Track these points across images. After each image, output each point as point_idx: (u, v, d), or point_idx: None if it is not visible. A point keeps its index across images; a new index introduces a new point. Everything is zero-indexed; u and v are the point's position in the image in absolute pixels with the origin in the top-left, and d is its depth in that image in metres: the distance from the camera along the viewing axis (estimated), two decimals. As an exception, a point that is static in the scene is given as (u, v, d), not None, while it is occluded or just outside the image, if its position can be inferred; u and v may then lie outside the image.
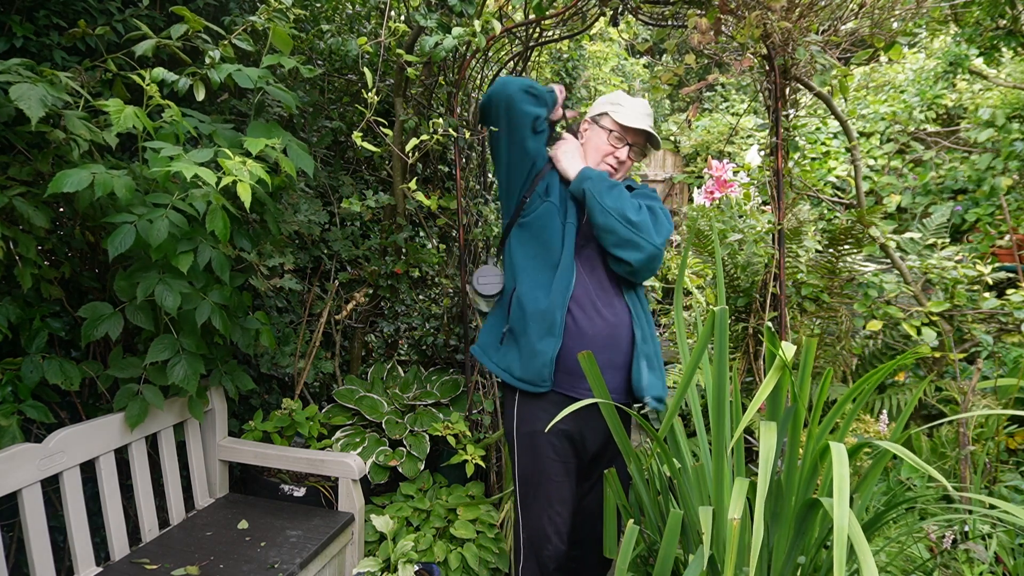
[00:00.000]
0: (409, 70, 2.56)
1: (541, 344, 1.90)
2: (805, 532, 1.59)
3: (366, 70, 2.32)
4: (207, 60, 2.05)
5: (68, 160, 1.92)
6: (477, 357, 2.11)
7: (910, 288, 3.04)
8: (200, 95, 2.05)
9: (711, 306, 3.49)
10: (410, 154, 2.54)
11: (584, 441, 1.97)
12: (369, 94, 2.32)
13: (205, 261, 1.93)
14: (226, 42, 2.11)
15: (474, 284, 2.14)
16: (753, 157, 4.08)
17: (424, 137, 2.48)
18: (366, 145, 2.34)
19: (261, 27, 2.22)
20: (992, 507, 1.78)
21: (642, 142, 2.06)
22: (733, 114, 8.35)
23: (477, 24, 2.31)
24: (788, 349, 1.51)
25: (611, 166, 2.04)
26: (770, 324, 1.82)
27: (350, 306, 2.94)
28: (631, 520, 1.82)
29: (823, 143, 5.27)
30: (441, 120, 2.48)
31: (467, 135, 2.68)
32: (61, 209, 2.14)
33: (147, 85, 1.90)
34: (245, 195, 1.76)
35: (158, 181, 1.89)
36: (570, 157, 2.04)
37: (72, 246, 2.17)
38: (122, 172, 1.81)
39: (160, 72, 1.93)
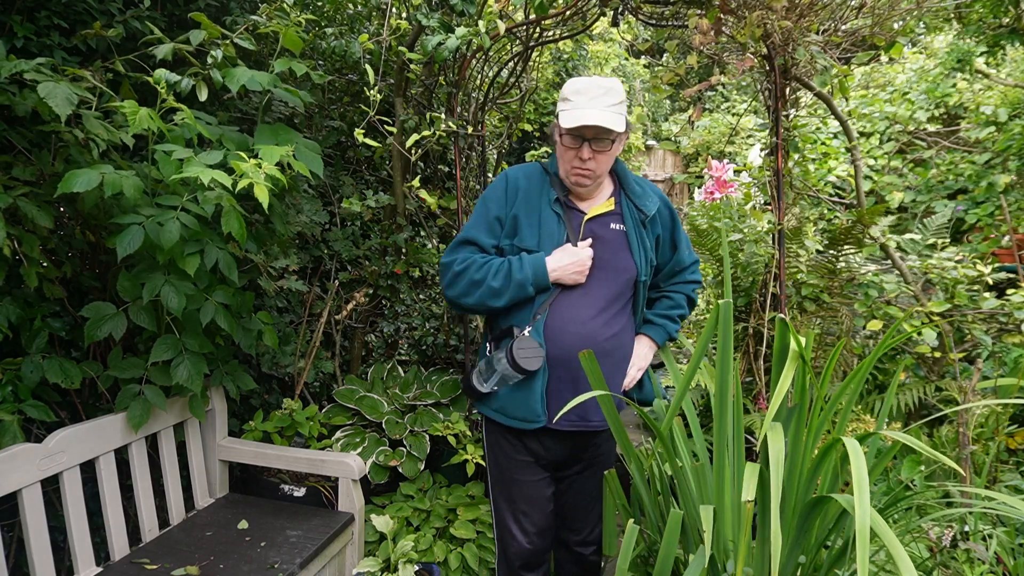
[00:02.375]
0: (412, 67, 2.56)
1: (530, 379, 1.84)
2: (807, 531, 1.59)
3: (368, 68, 2.32)
4: (209, 60, 2.06)
5: (72, 160, 1.93)
6: (480, 410, 2.00)
7: (910, 288, 3.04)
8: (203, 96, 2.06)
9: (716, 301, 3.49)
10: (412, 151, 2.53)
11: (548, 454, 1.95)
12: (372, 92, 2.32)
13: (212, 262, 1.94)
14: (228, 41, 2.11)
15: (514, 356, 1.80)
16: (755, 157, 4.08)
17: (426, 133, 2.48)
18: (368, 141, 2.34)
19: (264, 29, 2.22)
20: (989, 499, 1.78)
21: (603, 130, 1.78)
22: (733, 114, 8.35)
23: (481, 24, 2.31)
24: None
25: (581, 172, 1.82)
26: (783, 316, 1.81)
27: (350, 306, 2.94)
28: (631, 520, 1.82)
29: (823, 143, 5.27)
30: (443, 116, 2.47)
31: (469, 129, 2.68)
32: (62, 209, 2.14)
33: (161, 88, 1.92)
34: (263, 198, 1.79)
35: (165, 182, 1.90)
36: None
37: (73, 246, 2.17)
38: (130, 173, 1.82)
39: (163, 73, 1.94)
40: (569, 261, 1.80)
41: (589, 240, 1.85)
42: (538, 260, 1.80)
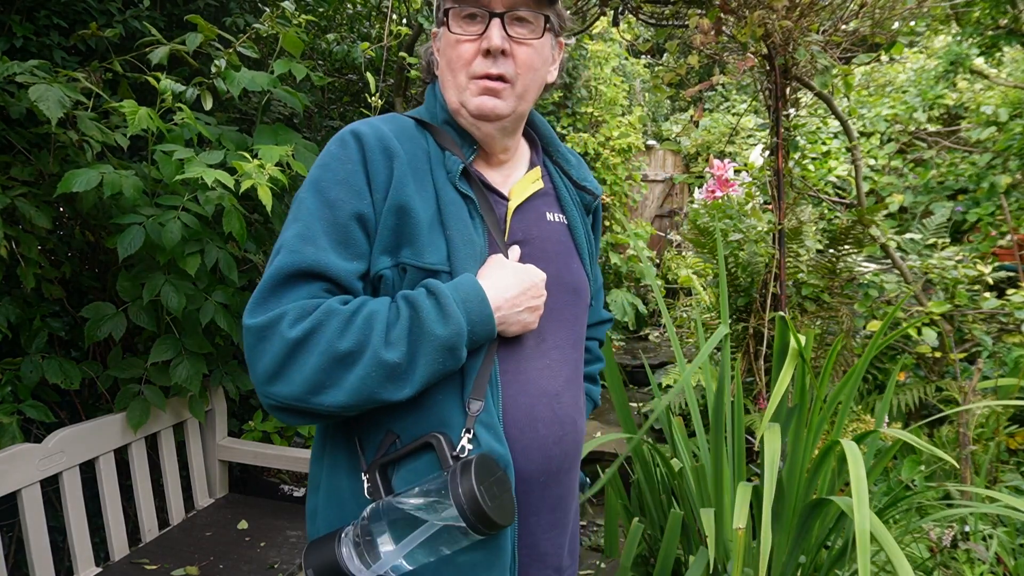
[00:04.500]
0: (412, 72, 2.56)
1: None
2: (807, 532, 1.59)
3: (369, 76, 2.32)
4: (213, 69, 2.06)
5: (70, 160, 1.93)
6: None
7: (911, 288, 3.04)
8: (208, 105, 2.06)
9: (710, 310, 3.50)
10: None
11: None
12: (373, 98, 2.33)
13: (212, 262, 1.94)
14: (231, 50, 2.11)
15: (484, 505, 0.85)
16: (756, 157, 4.08)
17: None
18: None
19: (265, 33, 2.22)
20: (991, 499, 1.78)
21: None
22: (733, 114, 8.35)
23: None
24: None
25: (488, 83, 1.00)
26: (783, 314, 1.80)
27: (350, 306, 2.93)
28: (635, 519, 1.82)
29: (823, 143, 5.27)
30: None
31: None
32: (61, 209, 2.14)
33: (161, 91, 1.92)
34: (266, 198, 1.78)
35: (165, 182, 1.90)
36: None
37: (72, 246, 2.17)
38: (130, 173, 1.82)
39: (168, 83, 1.94)
40: (520, 288, 0.97)
41: (516, 250, 1.03)
42: (470, 288, 0.93)
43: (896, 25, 2.75)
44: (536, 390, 1.00)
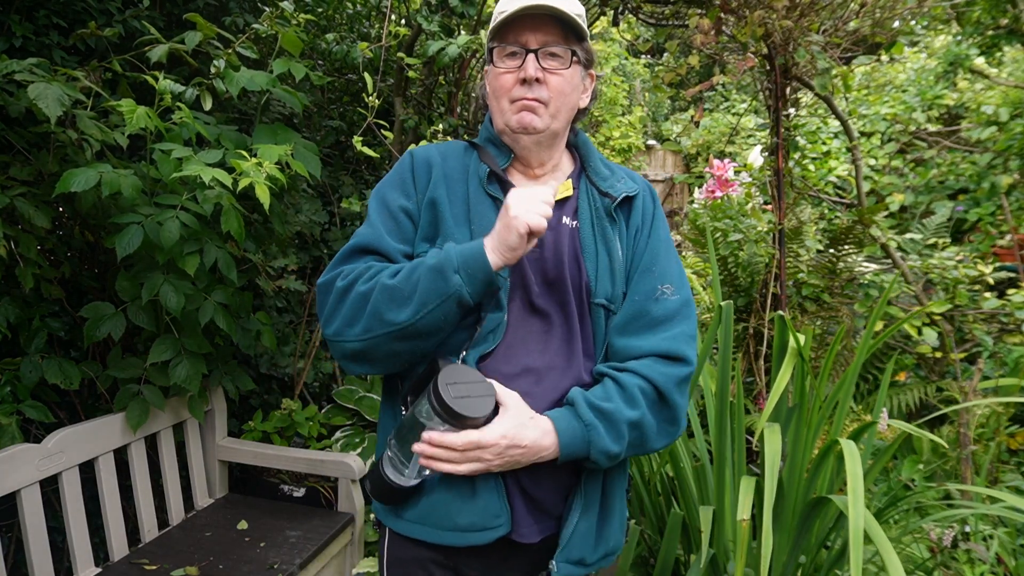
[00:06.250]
0: (411, 72, 2.56)
1: None
2: (807, 532, 1.59)
3: (367, 75, 2.32)
4: (212, 69, 2.06)
5: (69, 159, 1.93)
6: (381, 520, 1.25)
7: (911, 288, 3.03)
8: (207, 105, 2.06)
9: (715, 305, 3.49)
10: None
11: None
12: (370, 98, 2.33)
13: (211, 262, 1.94)
14: (230, 51, 2.11)
15: (441, 394, 1.04)
16: (755, 157, 4.08)
17: (425, 143, 2.49)
18: (365, 150, 2.34)
19: (265, 33, 2.22)
20: (992, 499, 1.78)
21: (554, 33, 1.19)
22: (733, 114, 8.34)
23: (484, 34, 2.31)
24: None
25: (527, 104, 1.19)
26: (783, 314, 1.80)
27: (350, 306, 2.92)
28: (632, 520, 1.82)
29: (823, 143, 5.27)
30: (444, 124, 2.47)
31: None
32: (60, 209, 2.14)
33: (160, 91, 1.92)
34: (264, 197, 1.78)
35: (164, 182, 1.89)
36: None
37: (72, 246, 2.16)
38: (128, 172, 1.82)
39: (167, 84, 1.94)
40: (507, 215, 1.09)
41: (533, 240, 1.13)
42: (464, 240, 1.17)
43: (896, 25, 2.75)
44: (520, 366, 1.17)
